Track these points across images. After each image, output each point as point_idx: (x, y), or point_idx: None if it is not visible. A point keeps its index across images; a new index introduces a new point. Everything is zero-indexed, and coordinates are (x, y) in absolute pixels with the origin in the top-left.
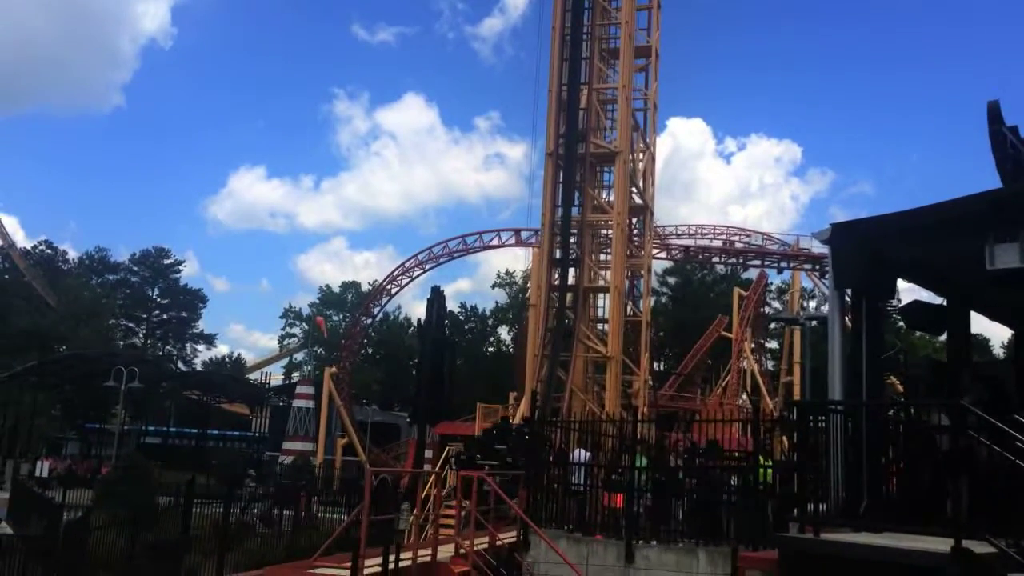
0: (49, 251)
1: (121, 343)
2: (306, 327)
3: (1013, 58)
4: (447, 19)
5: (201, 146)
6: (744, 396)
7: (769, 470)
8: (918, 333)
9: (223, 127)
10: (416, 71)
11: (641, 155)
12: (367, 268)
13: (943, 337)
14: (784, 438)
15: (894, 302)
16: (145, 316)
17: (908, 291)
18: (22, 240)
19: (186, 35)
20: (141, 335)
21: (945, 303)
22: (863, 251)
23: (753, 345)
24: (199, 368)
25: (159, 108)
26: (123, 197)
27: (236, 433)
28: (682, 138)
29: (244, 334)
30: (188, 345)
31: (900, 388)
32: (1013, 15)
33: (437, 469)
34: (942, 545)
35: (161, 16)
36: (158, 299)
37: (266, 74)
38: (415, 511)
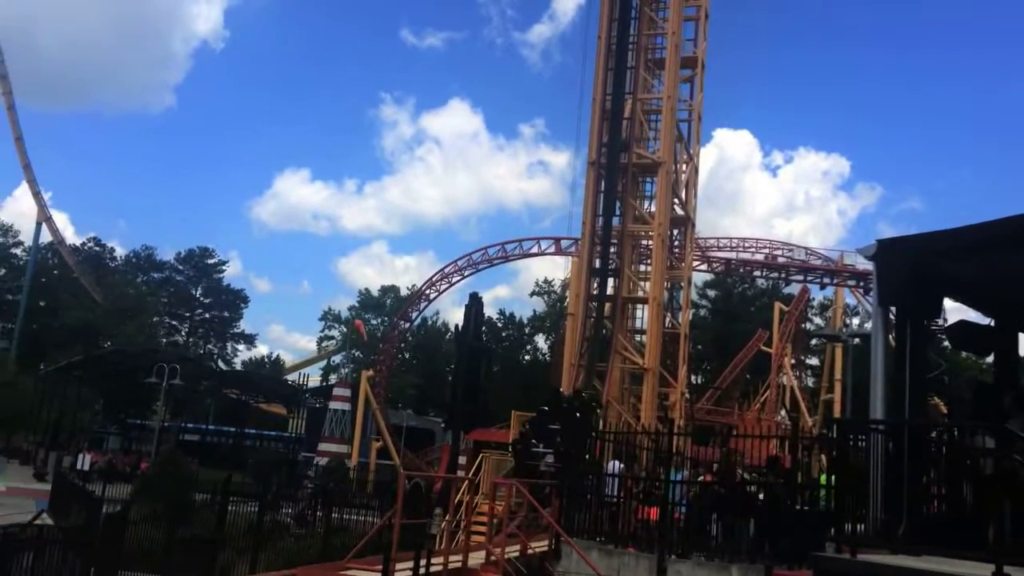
0: (97, 248)
1: (164, 340)
2: (344, 330)
3: None
4: (496, 25)
5: (248, 147)
6: (783, 412)
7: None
8: (964, 353)
9: (270, 129)
10: (463, 77)
11: (684, 166)
12: (407, 273)
13: (989, 358)
14: (823, 456)
15: (940, 321)
16: (188, 314)
17: (955, 310)
18: (71, 236)
19: (238, 38)
20: (183, 333)
21: (992, 323)
22: (909, 268)
23: (793, 361)
24: (239, 367)
25: (209, 109)
26: (171, 197)
27: (273, 433)
28: (728, 149)
29: (284, 335)
30: (229, 344)
31: (944, 409)
32: None
33: (470, 475)
34: (982, 570)
35: (214, 18)
36: (201, 298)
37: (314, 77)
38: (447, 516)
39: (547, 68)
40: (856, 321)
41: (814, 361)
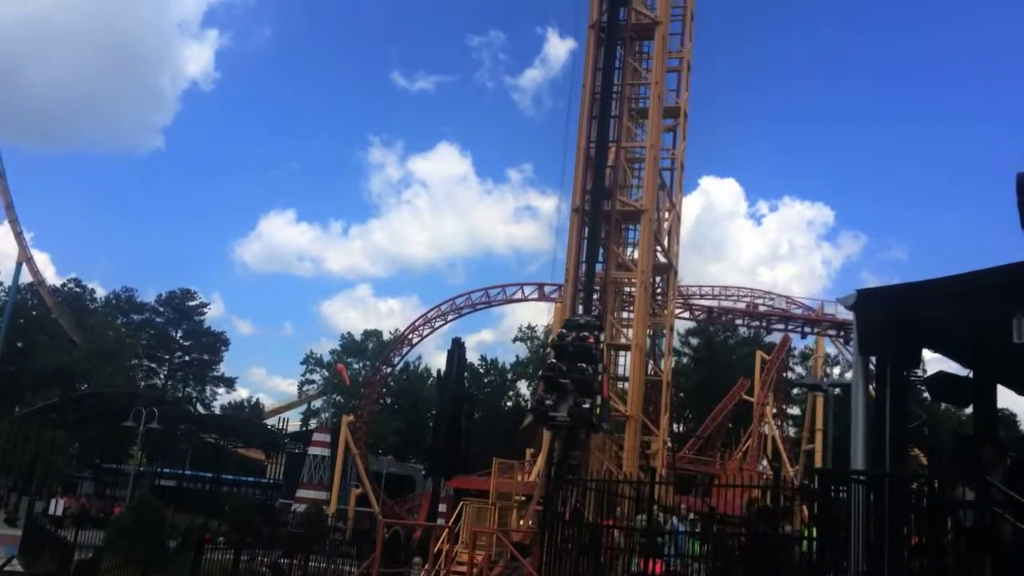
0: (77, 289)
1: (142, 383)
2: (326, 374)
3: None
4: (488, 68)
5: (235, 188)
6: (764, 462)
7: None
8: (944, 405)
9: (258, 171)
10: (453, 120)
11: (667, 214)
12: (391, 316)
13: (969, 410)
14: (804, 507)
15: (919, 372)
16: (167, 357)
17: (935, 361)
18: (52, 277)
19: (228, 79)
20: (162, 376)
21: (972, 375)
22: (889, 318)
23: (775, 410)
24: (218, 411)
25: (197, 150)
26: (155, 238)
27: (251, 479)
28: (715, 196)
29: (265, 378)
30: (208, 388)
31: (924, 460)
32: None
33: (451, 523)
34: None
35: (205, 59)
36: (181, 340)
37: (304, 119)
38: (426, 565)
39: (538, 113)
40: (837, 371)
41: (796, 411)
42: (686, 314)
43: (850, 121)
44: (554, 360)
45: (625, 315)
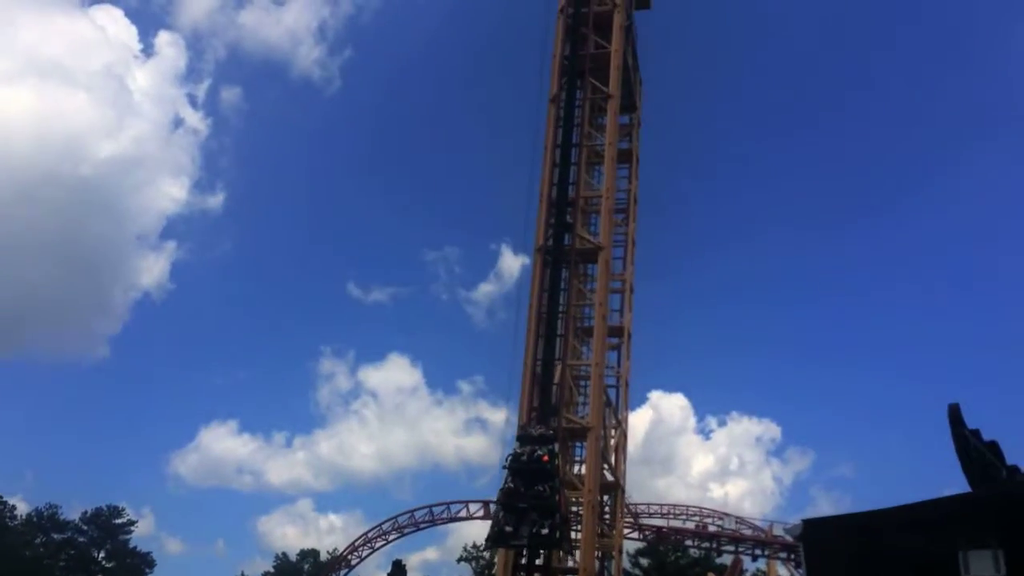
0: None
1: None
2: None
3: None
4: (443, 282)
5: (177, 400)
6: None
7: None
8: None
9: (202, 380)
10: (406, 330)
11: (613, 431)
12: (331, 533)
13: None
14: None
15: None
16: None
17: None
18: None
19: (182, 290)
20: None
21: None
22: (836, 549)
23: None
24: None
25: (143, 361)
26: (90, 451)
27: None
28: (664, 411)
29: None
30: None
31: None
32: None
33: None
34: None
35: (159, 271)
36: (103, 562)
37: (256, 327)
38: None
39: (491, 324)
40: None
41: None
42: (635, 534)
43: (791, 339)
44: (510, 484)
45: (574, 535)
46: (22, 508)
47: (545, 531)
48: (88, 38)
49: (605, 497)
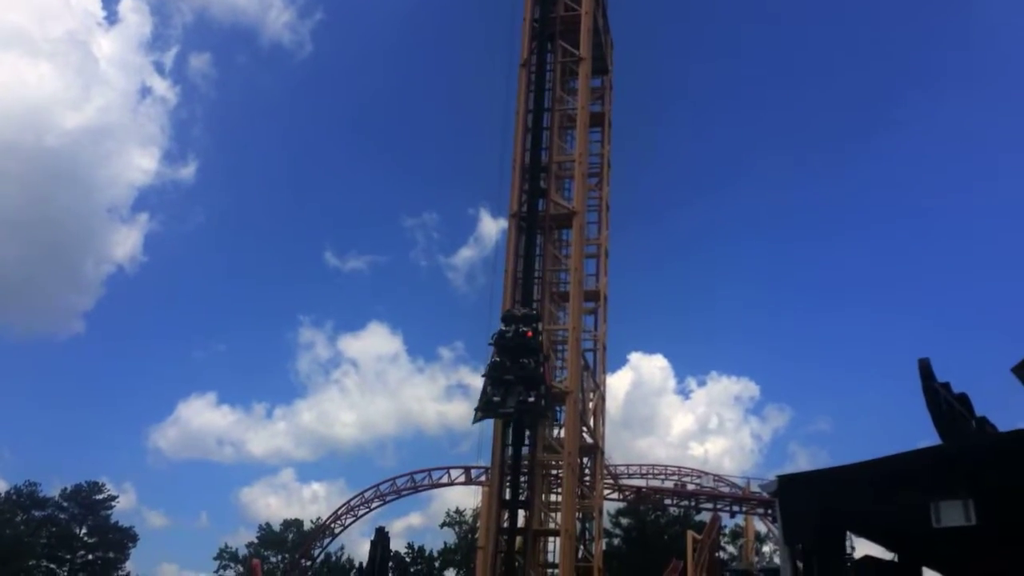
0: None
1: None
2: (241, 570)
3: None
4: (422, 248)
5: (155, 373)
6: None
7: None
8: None
9: (180, 353)
10: (385, 298)
11: (591, 394)
12: (314, 502)
13: None
14: None
15: (846, 556)
16: (69, 557)
17: (864, 544)
18: None
19: (155, 263)
20: None
21: (896, 559)
22: (811, 505)
23: None
24: None
25: (117, 336)
26: (67, 427)
27: None
28: (644, 372)
29: (176, 574)
30: None
31: None
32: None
33: None
34: None
35: (132, 243)
36: (85, 538)
37: (234, 299)
38: None
39: (471, 290)
40: (768, 548)
41: None
42: (615, 495)
43: (768, 296)
44: (496, 358)
45: (553, 498)
46: (0, 487)
47: (531, 399)
48: (49, 4)
49: (585, 459)
